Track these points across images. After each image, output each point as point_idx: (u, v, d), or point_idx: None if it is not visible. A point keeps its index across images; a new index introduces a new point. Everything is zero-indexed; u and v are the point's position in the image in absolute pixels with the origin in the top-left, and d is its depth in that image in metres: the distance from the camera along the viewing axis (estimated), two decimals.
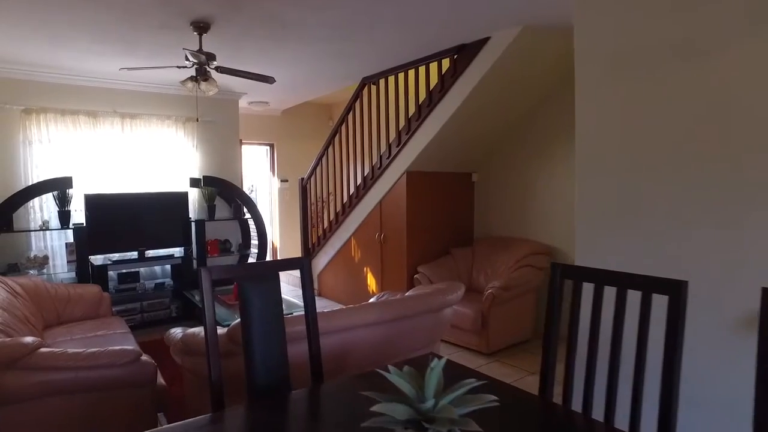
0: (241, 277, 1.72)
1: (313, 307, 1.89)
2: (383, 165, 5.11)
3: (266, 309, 1.73)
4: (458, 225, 5.36)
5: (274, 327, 1.74)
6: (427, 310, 2.76)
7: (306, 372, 1.92)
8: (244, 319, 1.70)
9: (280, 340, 1.75)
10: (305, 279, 1.87)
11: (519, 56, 3.91)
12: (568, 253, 4.57)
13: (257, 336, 1.71)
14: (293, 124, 7.42)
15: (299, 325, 2.09)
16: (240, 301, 1.71)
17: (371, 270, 5.44)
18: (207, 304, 1.63)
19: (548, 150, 4.69)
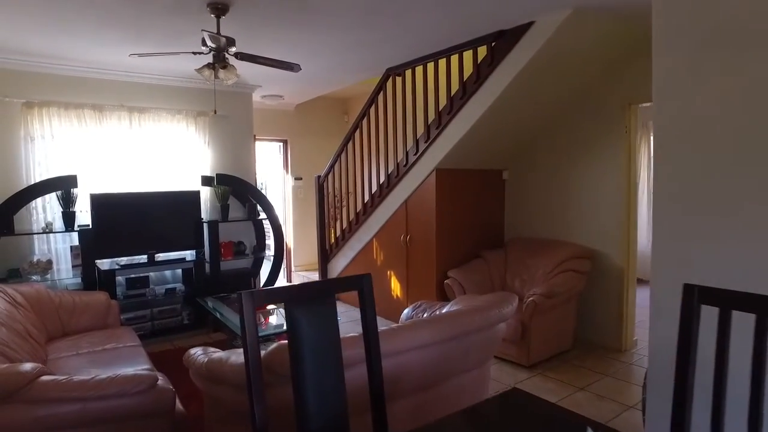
0: (290, 301, 1.38)
1: (375, 339, 1.54)
2: (410, 162, 4.76)
3: (321, 339, 1.40)
4: (488, 226, 5.02)
5: (330, 361, 1.41)
6: (484, 326, 2.42)
7: (358, 405, 1.60)
8: (294, 351, 1.37)
9: (337, 377, 1.42)
10: (366, 301, 1.53)
11: (565, 43, 3.55)
12: (612, 256, 4.23)
13: (310, 371, 1.37)
14: (307, 120, 7.08)
15: (349, 348, 1.76)
16: (289, 330, 1.37)
17: (396, 274, 5.10)
18: (249, 339, 1.29)
19: (589, 144, 4.33)
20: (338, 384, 1.41)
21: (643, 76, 3.94)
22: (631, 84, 4.02)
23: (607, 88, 4.15)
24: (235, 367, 1.91)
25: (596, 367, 3.91)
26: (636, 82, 4.00)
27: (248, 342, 1.27)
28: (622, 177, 4.13)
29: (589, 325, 4.37)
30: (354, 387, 1.64)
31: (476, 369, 2.60)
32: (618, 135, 4.12)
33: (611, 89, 4.13)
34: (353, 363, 1.77)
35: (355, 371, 1.77)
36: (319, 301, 1.42)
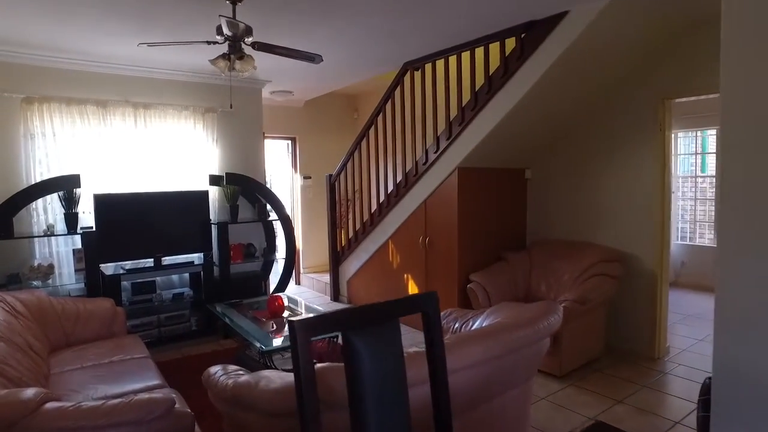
0: (348, 328, 1.15)
1: (441, 368, 1.31)
2: (429, 160, 4.53)
3: (383, 370, 1.17)
4: (510, 227, 4.79)
5: (394, 395, 1.18)
6: (534, 340, 2.20)
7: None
8: (352, 386, 1.14)
9: (402, 414, 1.19)
10: (431, 325, 1.30)
11: (601, 34, 3.32)
12: (644, 260, 4.01)
13: (372, 408, 1.14)
14: (316, 117, 6.85)
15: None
16: (347, 363, 1.14)
17: (413, 278, 4.88)
18: (304, 380, 1.06)
19: (620, 142, 4.11)
20: (403, 421, 1.19)
21: (681, 69, 3.72)
22: (667, 78, 3.80)
23: (641, 82, 3.92)
24: (267, 393, 1.68)
25: (631, 377, 3.70)
26: (672, 76, 3.77)
27: (303, 383, 1.04)
28: (656, 176, 3.91)
29: (619, 331, 4.15)
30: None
31: (520, 386, 2.38)
32: (652, 132, 3.90)
33: (645, 84, 3.90)
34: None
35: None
36: (380, 327, 1.19)
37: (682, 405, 3.27)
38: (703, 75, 3.61)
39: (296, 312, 3.78)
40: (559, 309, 2.47)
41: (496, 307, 2.79)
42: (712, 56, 3.69)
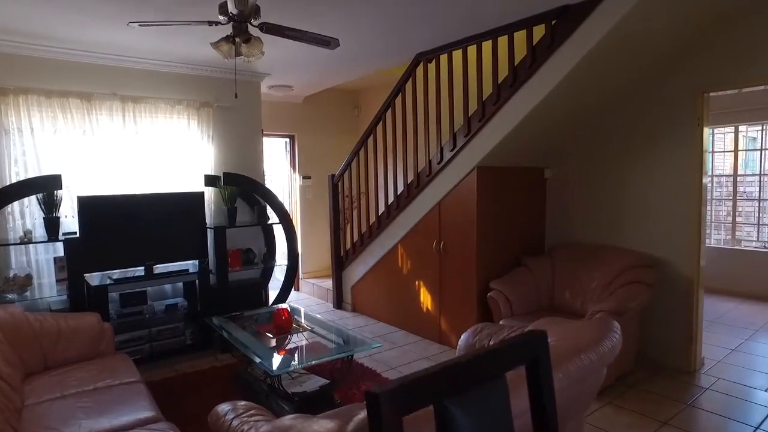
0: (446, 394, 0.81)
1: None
2: (444, 159, 4.20)
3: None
4: (529, 230, 4.48)
5: None
6: (599, 366, 1.88)
7: None
8: None
9: None
10: (542, 377, 0.96)
11: (641, 20, 3.01)
12: (679, 265, 3.72)
13: None
14: (316, 114, 6.49)
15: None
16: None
17: (426, 285, 4.54)
18: None
19: (652, 138, 3.81)
20: None
21: (722, 60, 3.43)
22: (706, 70, 3.50)
23: (677, 74, 3.62)
24: None
25: (670, 394, 3.39)
26: (712, 68, 3.48)
27: None
28: (692, 175, 3.62)
29: (652, 342, 3.85)
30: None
31: (578, 416, 2.06)
32: (688, 127, 3.60)
33: (682, 75, 3.60)
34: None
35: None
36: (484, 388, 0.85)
37: (735, 428, 2.97)
38: (744, 66, 3.33)
39: (302, 326, 3.42)
40: (616, 327, 2.15)
41: (538, 323, 2.46)
42: (752, 46, 3.45)
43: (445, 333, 4.36)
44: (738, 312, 5.31)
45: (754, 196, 6.23)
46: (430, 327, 4.50)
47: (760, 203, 6.18)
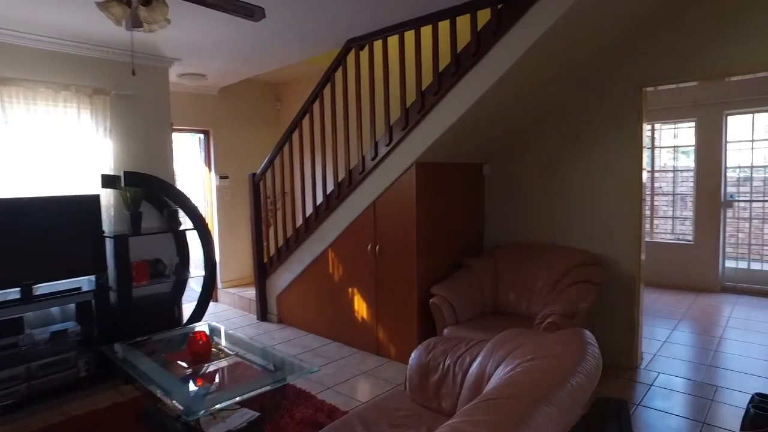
0: None
1: None
2: (379, 155, 3.87)
3: None
4: (468, 230, 4.27)
5: None
6: (590, 391, 1.63)
7: None
8: None
9: None
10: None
11: (596, 3, 2.85)
12: (622, 262, 3.66)
13: None
14: (233, 107, 5.90)
15: None
16: None
17: (360, 292, 4.18)
18: None
19: (593, 133, 3.73)
20: None
21: (659, 55, 3.39)
22: (644, 64, 3.46)
23: (619, 67, 3.56)
24: None
25: (621, 393, 3.31)
26: (649, 63, 3.44)
27: None
28: (633, 170, 3.57)
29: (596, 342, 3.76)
30: None
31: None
32: (629, 122, 3.55)
33: (623, 69, 3.54)
34: None
35: None
36: None
37: (685, 425, 2.90)
38: (678, 62, 3.32)
39: (224, 350, 2.92)
40: (590, 338, 1.93)
41: (501, 338, 2.19)
42: (686, 42, 3.45)
43: (384, 344, 4.04)
44: (661, 303, 5.48)
45: (668, 191, 6.52)
46: (367, 337, 4.15)
47: (674, 198, 6.47)
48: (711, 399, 3.23)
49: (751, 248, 6.08)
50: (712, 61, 3.21)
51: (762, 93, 5.52)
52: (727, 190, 5.98)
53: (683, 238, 6.33)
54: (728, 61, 3.16)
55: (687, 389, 3.40)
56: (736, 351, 4.08)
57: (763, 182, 5.99)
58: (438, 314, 3.62)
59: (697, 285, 5.99)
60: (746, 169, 6.02)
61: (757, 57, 3.05)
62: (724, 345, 4.23)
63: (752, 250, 6.08)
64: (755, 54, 3.06)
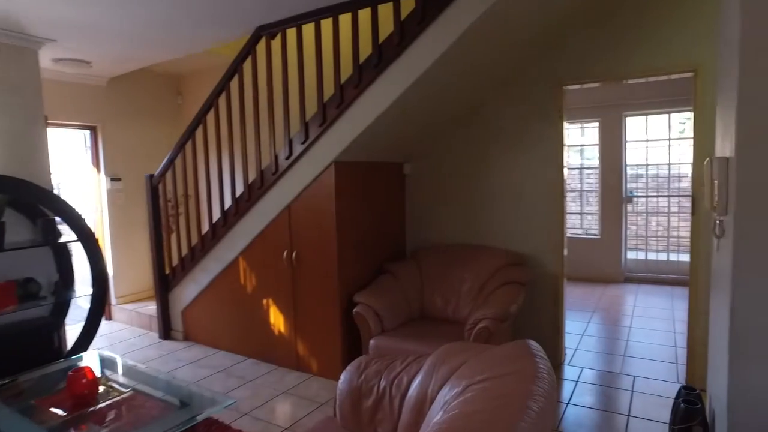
0: None
1: None
2: (294, 153, 3.55)
3: None
4: (390, 233, 4.08)
5: None
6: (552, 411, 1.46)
7: None
8: None
9: None
10: None
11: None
12: (545, 261, 3.66)
13: None
14: (127, 100, 5.23)
15: None
16: None
17: (276, 303, 3.83)
18: None
19: (515, 132, 3.69)
20: None
21: (578, 53, 3.41)
22: (565, 63, 3.47)
23: (541, 65, 3.54)
24: None
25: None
26: (569, 61, 3.45)
27: None
28: (554, 169, 3.57)
29: None
30: None
31: None
32: (550, 121, 3.54)
33: (544, 67, 3.53)
34: None
35: None
36: None
37: (612, 420, 2.91)
38: (596, 61, 3.36)
39: (117, 388, 2.46)
40: (536, 349, 1.79)
41: (441, 353, 1.99)
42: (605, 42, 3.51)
43: (304, 358, 3.73)
44: (574, 295, 5.67)
45: (576, 188, 6.80)
46: (285, 352, 3.82)
47: (581, 194, 6.76)
48: (631, 390, 3.30)
49: (648, 240, 6.50)
50: (628, 62, 3.28)
51: (653, 97, 5.90)
52: (628, 186, 6.34)
53: (590, 233, 6.63)
54: (639, 63, 3.24)
55: (609, 382, 3.46)
56: (644, 339, 4.26)
57: (656, 179, 6.42)
58: (363, 324, 3.38)
59: (603, 276, 6.29)
60: (642, 166, 6.42)
61: (653, 61, 3.16)
62: (633, 334, 4.41)
63: (648, 242, 6.51)
64: (653, 58, 3.16)
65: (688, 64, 3.12)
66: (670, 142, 6.23)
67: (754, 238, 1.63)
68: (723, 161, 1.80)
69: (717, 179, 1.83)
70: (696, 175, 3.18)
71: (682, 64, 3.14)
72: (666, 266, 6.27)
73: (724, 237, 1.86)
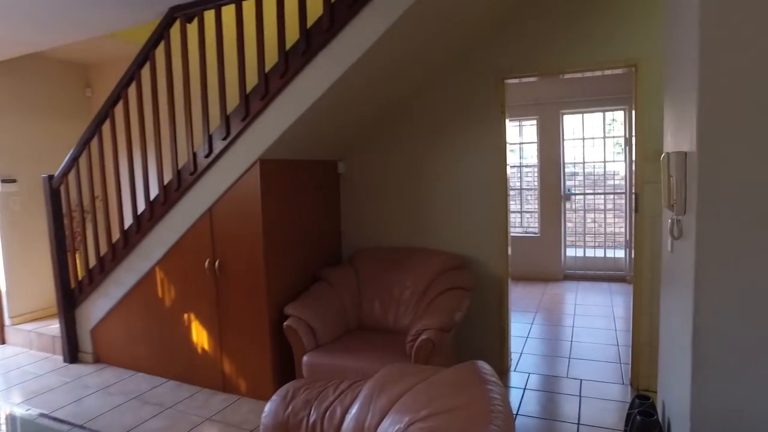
0: None
1: None
2: (214, 151, 3.18)
3: None
4: (325, 236, 3.78)
5: None
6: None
7: None
8: None
9: None
10: None
11: None
12: (489, 263, 3.49)
13: None
14: (20, 90, 4.60)
15: None
16: None
17: (199, 317, 3.44)
18: None
19: (455, 126, 3.50)
20: None
21: (522, 47, 3.27)
22: (506, 55, 3.31)
23: (481, 56, 3.36)
24: None
25: None
26: (510, 53, 3.30)
27: None
28: (497, 167, 3.41)
29: (467, 350, 3.54)
30: None
31: None
32: (492, 115, 3.37)
33: (486, 59, 3.35)
34: None
35: None
36: None
37: (562, 428, 2.77)
38: (538, 54, 3.23)
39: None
40: (487, 373, 1.56)
41: (379, 380, 1.72)
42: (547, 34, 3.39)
43: (231, 378, 3.35)
44: (516, 295, 5.59)
45: (516, 186, 6.77)
46: (210, 372, 3.43)
47: (521, 192, 6.74)
48: (579, 395, 3.18)
49: (586, 237, 6.57)
50: (570, 56, 3.16)
51: (589, 95, 5.94)
52: (566, 184, 6.37)
53: (530, 231, 6.62)
54: (580, 57, 3.13)
55: (557, 388, 3.33)
56: (587, 339, 4.20)
57: (592, 177, 6.50)
58: (294, 339, 3.06)
59: (544, 275, 6.28)
60: (579, 164, 6.47)
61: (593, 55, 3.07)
62: (576, 334, 4.35)
63: (586, 239, 6.57)
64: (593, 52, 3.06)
65: (628, 59, 3.04)
66: (605, 141, 6.32)
67: (719, 240, 1.47)
68: (680, 156, 1.64)
69: (674, 175, 1.67)
70: (638, 172, 3.10)
71: (623, 59, 3.05)
72: (603, 263, 6.35)
73: (682, 238, 1.71)
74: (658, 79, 2.89)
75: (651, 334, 3.11)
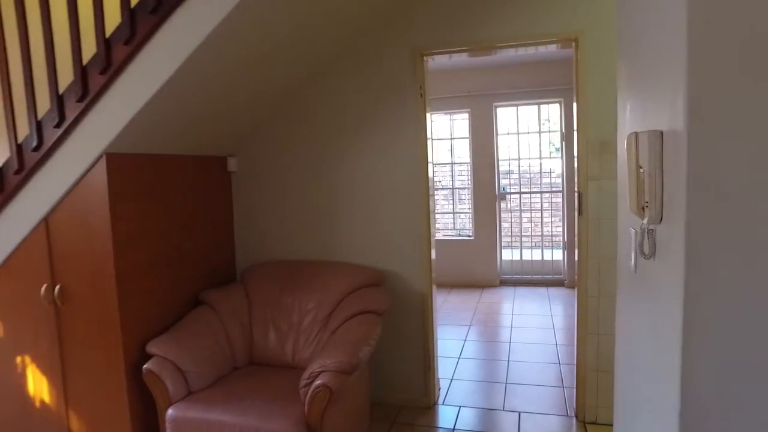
0: None
1: None
2: (45, 143, 2.39)
3: None
4: (211, 249, 3.06)
5: None
6: None
7: None
8: None
9: None
10: None
11: None
12: (410, 278, 2.91)
13: None
14: None
15: None
16: None
17: (35, 360, 2.62)
18: None
19: (367, 113, 2.89)
20: None
21: (440, 15, 2.70)
22: (423, 28, 2.73)
23: (397, 29, 2.76)
24: None
25: None
26: (432, 25, 2.73)
27: None
28: (417, 161, 2.83)
29: (384, 383, 2.95)
30: None
31: None
32: (410, 100, 2.79)
33: (401, 31, 2.76)
34: None
35: None
36: None
37: None
38: (470, 26, 2.68)
39: None
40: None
41: None
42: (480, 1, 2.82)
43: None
44: (448, 306, 5.08)
45: (447, 185, 6.27)
46: (51, 430, 2.62)
47: (453, 192, 6.25)
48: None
49: (522, 239, 6.17)
50: (501, 29, 2.64)
51: (523, 86, 5.53)
52: (501, 182, 5.94)
53: (463, 233, 6.14)
54: (514, 29, 2.61)
55: (492, 425, 2.79)
56: (526, 357, 3.73)
57: (528, 174, 6.11)
58: (156, 387, 2.33)
59: (479, 281, 5.82)
60: (514, 161, 6.06)
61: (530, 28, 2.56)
62: (514, 351, 3.86)
63: (523, 241, 6.18)
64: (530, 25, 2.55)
65: (569, 32, 2.55)
66: (541, 136, 5.94)
67: (721, 264, 0.92)
68: (655, 137, 1.09)
69: (645, 167, 1.12)
70: (581, 167, 2.61)
71: (563, 32, 2.56)
72: (541, 266, 5.97)
73: (655, 258, 1.17)
74: (605, 54, 2.41)
75: (599, 359, 2.64)
